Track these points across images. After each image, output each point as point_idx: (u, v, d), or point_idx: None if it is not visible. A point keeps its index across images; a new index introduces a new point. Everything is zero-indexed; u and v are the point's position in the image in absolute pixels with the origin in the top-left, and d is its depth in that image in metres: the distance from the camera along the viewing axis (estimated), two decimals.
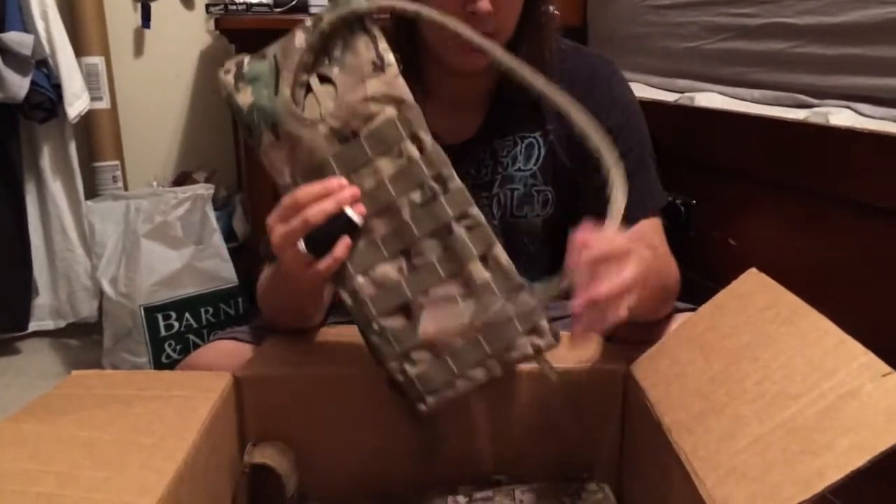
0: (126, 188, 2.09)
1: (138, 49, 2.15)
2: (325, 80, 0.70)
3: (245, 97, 0.72)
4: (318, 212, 0.68)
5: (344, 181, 0.69)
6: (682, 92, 1.38)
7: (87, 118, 1.98)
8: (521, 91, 0.91)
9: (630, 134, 0.93)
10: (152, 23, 2.10)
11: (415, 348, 0.73)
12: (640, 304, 0.79)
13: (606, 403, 0.81)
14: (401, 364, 0.74)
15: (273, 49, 0.72)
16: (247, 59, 0.73)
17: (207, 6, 2.08)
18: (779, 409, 0.57)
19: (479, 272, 0.71)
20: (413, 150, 0.70)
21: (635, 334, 0.89)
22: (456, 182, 0.70)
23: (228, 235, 1.90)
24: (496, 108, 0.94)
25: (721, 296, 0.77)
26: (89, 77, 1.96)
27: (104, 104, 2.03)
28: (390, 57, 0.69)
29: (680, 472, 0.59)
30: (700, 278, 1.13)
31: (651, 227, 0.92)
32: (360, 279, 0.72)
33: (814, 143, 0.97)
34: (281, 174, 0.72)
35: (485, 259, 0.71)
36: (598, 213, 0.93)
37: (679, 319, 0.85)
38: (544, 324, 0.72)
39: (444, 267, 0.71)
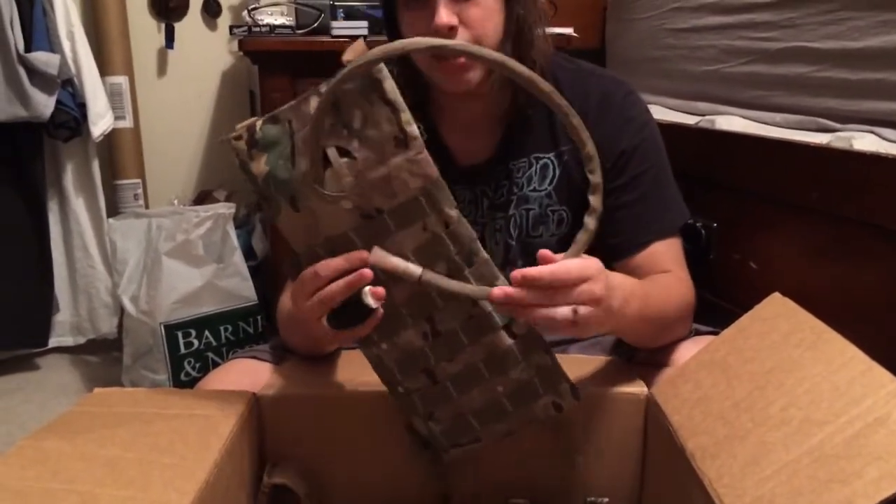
0: (147, 206, 2.11)
1: (161, 69, 2.18)
2: (344, 152, 0.67)
3: (259, 166, 0.69)
4: (339, 289, 0.67)
5: (366, 255, 0.68)
6: (702, 115, 1.38)
7: (110, 137, 2.00)
8: (535, 109, 0.92)
9: (645, 154, 0.93)
10: (176, 43, 2.13)
11: (439, 409, 0.74)
12: (628, 330, 0.82)
13: (628, 428, 0.80)
14: (425, 421, 0.75)
15: (286, 114, 0.68)
16: (259, 123, 0.69)
17: (231, 28, 2.11)
18: (805, 436, 0.56)
19: (503, 340, 0.71)
20: (438, 226, 0.68)
21: (653, 357, 0.89)
22: (482, 255, 0.70)
23: (248, 254, 1.91)
24: (510, 130, 0.95)
25: (744, 320, 0.77)
26: (113, 96, 1.99)
27: (127, 123, 2.05)
28: (414, 130, 0.66)
29: (704, 498, 0.59)
30: (720, 301, 1.12)
31: (665, 249, 0.92)
32: (384, 345, 0.72)
33: (837, 167, 0.96)
34: (298, 243, 0.71)
35: (508, 327, 0.71)
36: (607, 236, 0.94)
37: (700, 342, 0.84)
38: (565, 386, 0.73)
39: (467, 335, 0.71)
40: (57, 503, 0.57)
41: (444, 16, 0.82)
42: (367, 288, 0.67)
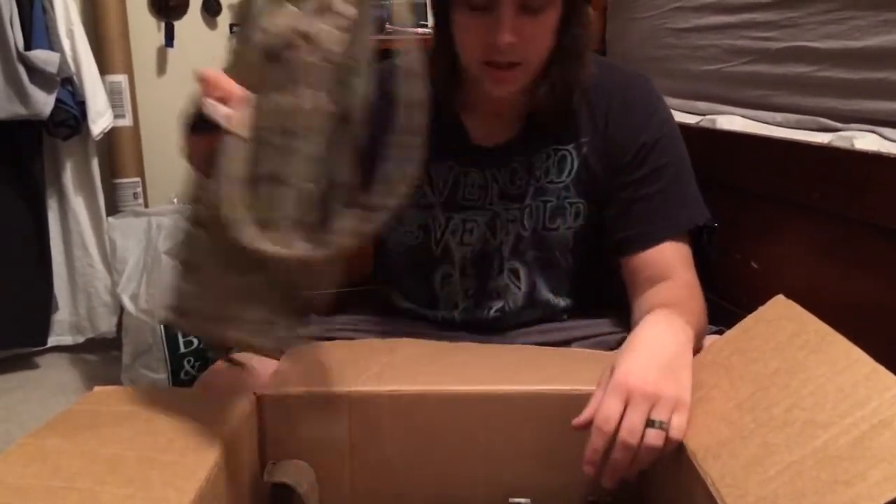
0: (146, 205, 2.10)
1: (161, 68, 2.17)
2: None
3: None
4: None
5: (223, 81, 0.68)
6: (703, 114, 1.38)
7: (110, 135, 2.00)
8: (558, 102, 0.92)
9: (665, 148, 0.93)
10: (176, 42, 2.13)
11: None
12: None
13: None
14: None
15: None
16: None
17: (231, 26, 2.11)
18: (809, 438, 0.56)
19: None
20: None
21: None
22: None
23: None
24: (531, 121, 0.95)
25: (748, 321, 0.76)
26: (113, 95, 1.99)
27: (127, 122, 2.05)
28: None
29: (706, 498, 0.58)
30: (722, 301, 1.12)
31: (676, 249, 0.92)
32: None
33: (838, 167, 0.96)
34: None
35: None
36: (621, 228, 0.94)
37: (704, 343, 0.84)
38: None
39: None
40: (57, 501, 0.56)
41: (509, 35, 0.81)
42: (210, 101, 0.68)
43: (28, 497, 0.57)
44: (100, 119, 1.89)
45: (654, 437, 0.65)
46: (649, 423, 0.66)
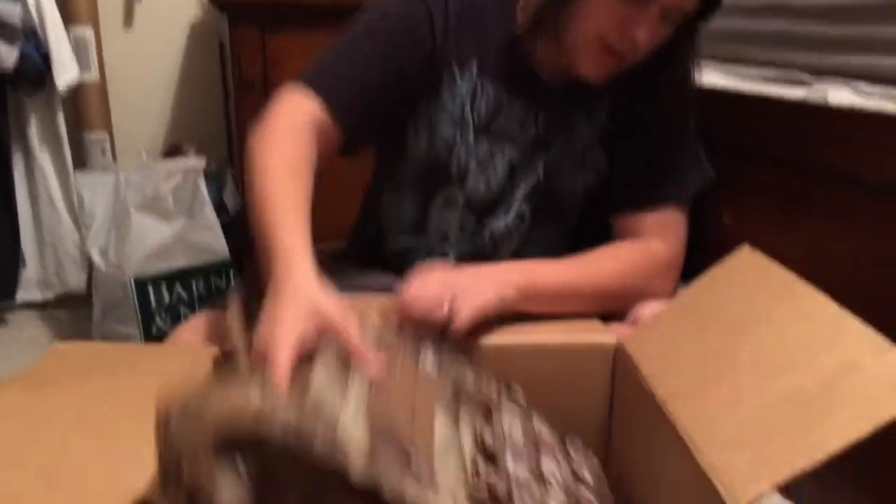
0: (115, 160, 2.07)
1: (128, 20, 2.12)
2: None
3: None
4: None
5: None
6: None
7: (76, 90, 1.95)
8: None
9: (682, 112, 0.96)
10: None
11: None
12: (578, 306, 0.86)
13: (596, 377, 0.80)
14: None
15: None
16: None
17: None
18: (777, 381, 0.57)
19: None
20: None
21: (624, 313, 0.89)
22: None
23: (219, 209, 1.89)
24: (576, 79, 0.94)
25: (714, 271, 0.77)
26: (78, 48, 1.93)
27: (93, 75, 2.00)
28: None
29: (675, 441, 0.59)
30: (693, 255, 1.13)
31: (671, 219, 0.95)
32: None
33: (811, 122, 0.96)
34: None
35: None
36: (622, 184, 0.94)
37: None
38: None
39: None
40: (26, 457, 0.55)
41: (648, 35, 0.83)
42: None
43: None
44: (65, 72, 1.84)
45: None
46: None
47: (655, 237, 0.93)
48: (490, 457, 0.61)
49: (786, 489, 0.49)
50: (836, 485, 0.85)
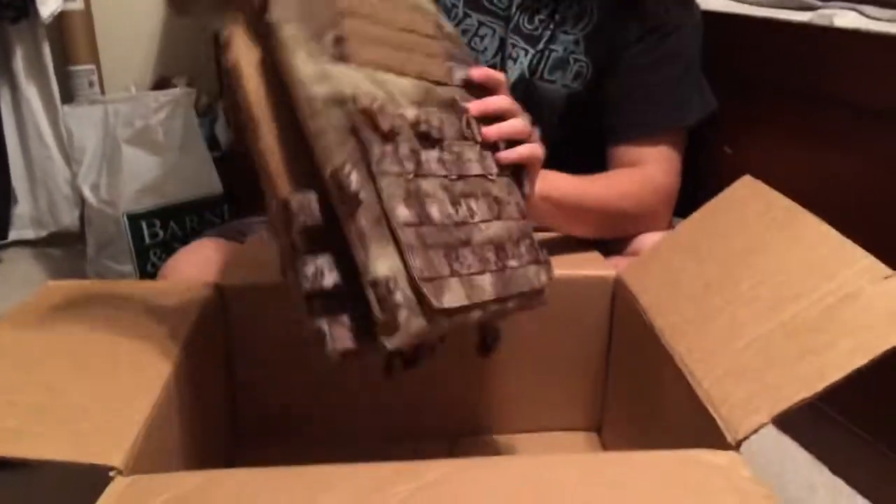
0: (103, 93, 2.03)
1: None
2: None
3: None
4: None
5: None
6: None
7: (60, 20, 1.90)
8: None
9: (683, 38, 0.93)
10: None
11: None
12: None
13: (595, 309, 0.80)
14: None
15: None
16: None
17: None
18: (777, 312, 0.56)
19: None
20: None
21: (622, 246, 0.89)
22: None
23: (211, 144, 1.86)
24: None
25: (714, 202, 0.76)
26: None
27: (77, 4, 1.94)
28: None
29: (674, 373, 0.59)
30: (693, 186, 1.12)
31: (668, 148, 0.93)
32: None
33: (815, 46, 0.94)
34: None
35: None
36: (615, 113, 0.92)
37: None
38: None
39: None
40: (23, 396, 0.54)
41: None
42: None
43: None
44: (48, 0, 1.79)
45: None
46: None
47: (653, 166, 0.92)
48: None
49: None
50: (831, 417, 0.86)
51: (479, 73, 0.66)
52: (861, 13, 0.96)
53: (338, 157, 0.51)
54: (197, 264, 0.83)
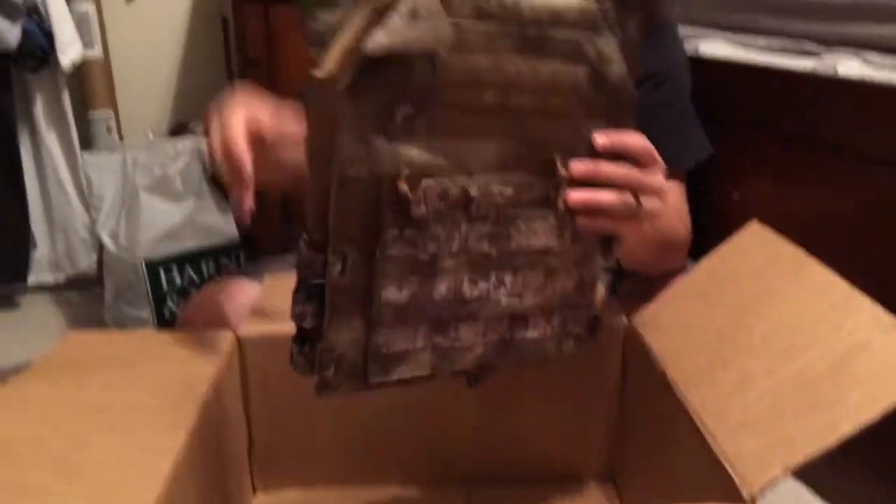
0: (121, 139, 2.07)
1: None
2: None
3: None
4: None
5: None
6: (686, 38, 1.35)
7: (79, 67, 1.95)
8: None
9: (679, 81, 0.95)
10: None
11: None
12: (641, 246, 0.76)
13: (606, 355, 0.80)
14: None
15: None
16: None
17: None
18: (787, 363, 0.57)
19: None
20: None
21: (640, 289, 0.89)
22: None
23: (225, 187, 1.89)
24: None
25: (723, 248, 0.77)
26: (80, 24, 1.92)
27: (96, 52, 1.99)
28: None
29: (688, 424, 0.60)
30: (701, 232, 1.13)
31: (672, 187, 0.92)
32: None
33: (821, 93, 0.95)
34: None
35: None
36: None
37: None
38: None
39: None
40: (46, 450, 0.56)
41: None
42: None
43: (18, 445, 0.56)
44: (69, 49, 1.83)
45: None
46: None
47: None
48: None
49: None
50: (846, 465, 0.86)
51: (605, 140, 0.60)
52: (864, 59, 0.98)
53: (349, 233, 0.54)
54: (214, 310, 0.84)
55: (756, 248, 0.73)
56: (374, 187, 0.53)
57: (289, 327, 0.78)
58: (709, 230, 1.13)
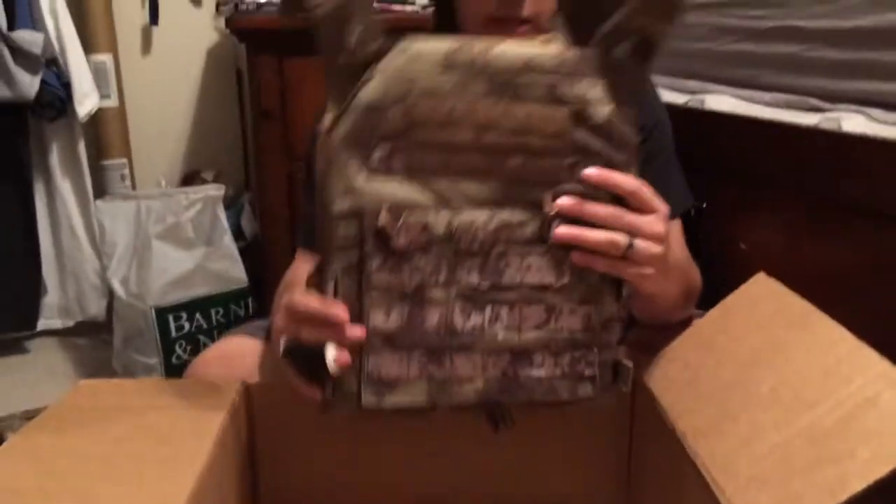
0: (134, 187, 2.09)
1: (146, 46, 2.15)
2: None
3: None
4: (307, 334, 0.61)
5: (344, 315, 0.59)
6: (692, 93, 1.37)
7: (95, 116, 1.98)
8: None
9: (663, 132, 0.95)
10: (160, 20, 2.10)
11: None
12: (661, 292, 0.73)
13: (614, 407, 0.79)
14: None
15: None
16: None
17: (217, 4, 2.08)
18: (796, 417, 0.57)
19: None
20: None
21: (648, 339, 0.89)
22: None
23: (237, 234, 1.91)
24: None
25: (730, 300, 0.77)
26: (97, 75, 1.97)
27: (112, 102, 2.03)
28: None
29: (697, 479, 0.59)
30: (708, 282, 1.13)
31: (675, 231, 0.92)
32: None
33: (825, 149, 0.96)
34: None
35: None
36: None
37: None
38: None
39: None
40: (53, 501, 0.56)
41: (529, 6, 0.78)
42: (332, 347, 0.60)
43: (25, 498, 0.56)
44: (86, 100, 1.87)
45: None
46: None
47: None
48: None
49: None
50: None
51: (593, 172, 0.61)
52: (868, 116, 0.99)
53: (336, 264, 0.59)
54: (222, 365, 0.85)
55: (763, 299, 0.73)
56: (358, 220, 0.59)
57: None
58: (715, 280, 1.14)
